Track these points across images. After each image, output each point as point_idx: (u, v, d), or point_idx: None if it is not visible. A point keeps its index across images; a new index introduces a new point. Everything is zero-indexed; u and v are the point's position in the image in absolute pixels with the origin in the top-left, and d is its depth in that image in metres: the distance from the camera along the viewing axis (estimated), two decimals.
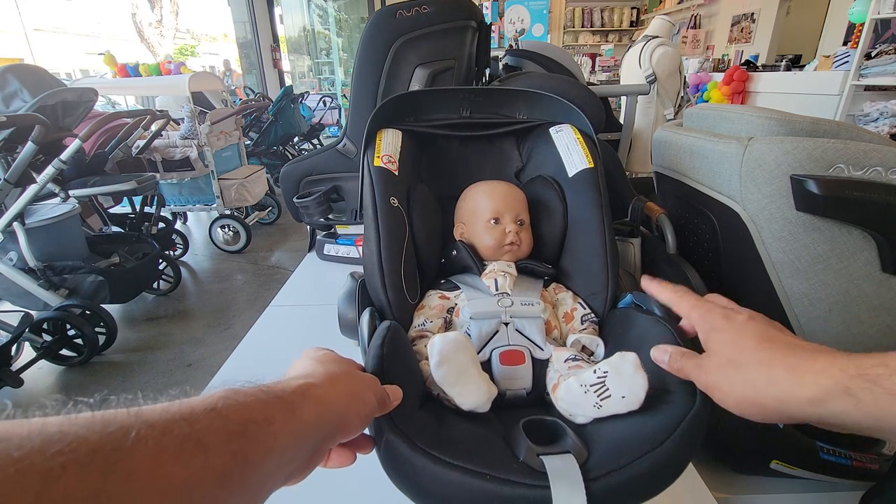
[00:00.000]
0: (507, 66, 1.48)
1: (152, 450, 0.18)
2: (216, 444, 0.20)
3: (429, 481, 0.33)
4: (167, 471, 0.18)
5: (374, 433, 0.37)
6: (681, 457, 0.35)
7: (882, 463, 0.65)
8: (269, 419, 0.23)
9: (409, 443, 0.34)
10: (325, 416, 0.27)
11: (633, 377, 0.37)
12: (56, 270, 1.92)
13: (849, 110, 3.00)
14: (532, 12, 5.70)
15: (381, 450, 0.35)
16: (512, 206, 0.60)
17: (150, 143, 2.65)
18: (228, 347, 0.80)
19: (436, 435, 0.35)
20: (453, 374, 0.38)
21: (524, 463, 0.33)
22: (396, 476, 0.35)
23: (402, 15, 0.89)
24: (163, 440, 0.18)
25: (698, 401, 0.37)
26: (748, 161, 0.56)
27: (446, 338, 0.40)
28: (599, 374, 0.38)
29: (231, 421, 0.21)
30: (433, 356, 0.39)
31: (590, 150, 0.59)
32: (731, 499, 0.68)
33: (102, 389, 1.33)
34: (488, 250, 0.59)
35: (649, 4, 6.42)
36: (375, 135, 0.60)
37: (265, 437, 0.22)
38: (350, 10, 6.57)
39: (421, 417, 0.37)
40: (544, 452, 0.34)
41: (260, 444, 0.22)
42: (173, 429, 0.19)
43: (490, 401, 0.40)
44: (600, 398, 0.37)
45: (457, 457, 0.33)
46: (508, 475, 0.32)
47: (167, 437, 0.18)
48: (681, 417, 0.36)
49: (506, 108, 0.67)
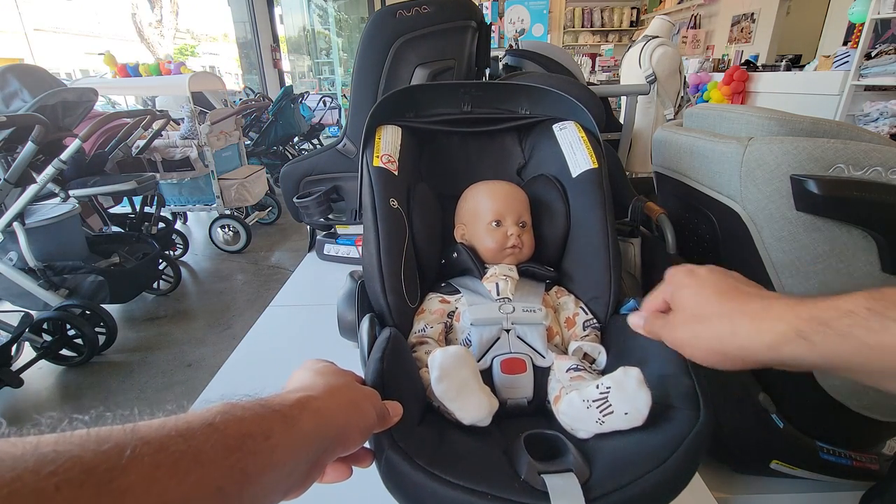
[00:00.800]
0: (507, 66, 1.48)
1: (148, 467, 0.17)
2: (213, 459, 0.20)
3: (429, 499, 0.33)
4: (163, 487, 0.17)
5: (374, 449, 0.36)
6: (683, 475, 0.35)
7: (882, 463, 0.65)
8: (267, 433, 0.23)
9: (410, 461, 0.33)
10: (325, 429, 0.27)
11: (636, 394, 0.36)
12: (56, 270, 1.92)
13: (849, 110, 3.00)
14: (532, 12, 5.70)
15: (382, 467, 0.35)
16: (514, 207, 0.59)
17: (150, 143, 2.65)
18: (228, 347, 0.80)
19: (436, 451, 0.35)
20: (454, 390, 0.38)
21: (525, 482, 0.33)
22: (397, 492, 0.35)
23: (402, 15, 0.89)
24: (158, 456, 0.18)
25: (702, 417, 0.36)
26: (748, 161, 0.56)
27: (447, 352, 0.39)
28: (602, 389, 0.37)
29: (228, 436, 0.21)
30: (434, 370, 0.38)
31: (594, 149, 0.58)
32: (731, 499, 0.68)
33: (102, 389, 1.33)
34: (489, 253, 0.58)
35: (649, 4, 6.42)
36: (374, 132, 0.59)
37: (263, 450, 0.22)
38: (350, 10, 6.56)
39: (421, 432, 0.37)
40: (545, 470, 0.34)
41: (258, 458, 0.22)
42: (169, 445, 0.19)
43: (491, 415, 0.39)
44: (603, 414, 0.36)
45: (458, 475, 0.33)
46: (510, 495, 0.32)
47: (163, 453, 0.18)
48: (684, 434, 0.35)
49: (508, 103, 0.65)
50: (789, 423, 0.62)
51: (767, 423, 0.62)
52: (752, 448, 0.65)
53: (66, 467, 0.16)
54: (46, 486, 0.15)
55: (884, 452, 0.68)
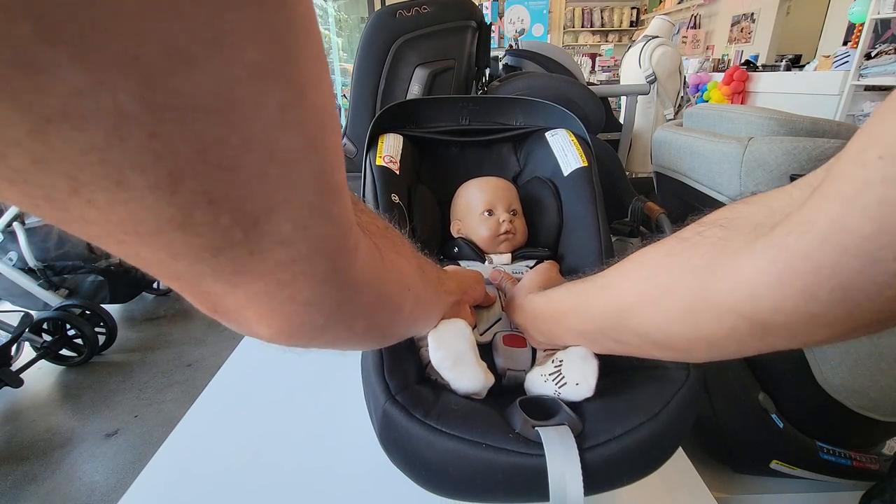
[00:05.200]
0: (507, 66, 1.48)
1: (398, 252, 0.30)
2: (433, 282, 0.36)
3: (424, 450, 0.33)
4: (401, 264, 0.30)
5: (371, 404, 0.37)
6: (675, 428, 0.35)
7: (882, 463, 0.65)
8: (433, 279, 0.37)
9: (406, 412, 0.34)
10: (460, 286, 0.44)
11: (582, 364, 0.38)
12: (56, 270, 1.92)
13: (849, 110, 3.00)
14: (532, 12, 5.71)
15: (378, 422, 0.36)
16: (503, 196, 0.62)
17: None
18: (228, 347, 0.80)
19: (432, 406, 0.36)
20: (450, 359, 0.39)
21: (520, 434, 0.34)
22: (392, 447, 0.35)
23: (402, 15, 0.89)
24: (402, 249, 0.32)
25: (691, 373, 0.38)
26: (748, 161, 0.56)
27: (446, 323, 0.41)
28: (556, 362, 0.39)
29: (417, 265, 0.34)
30: (432, 341, 0.39)
31: (584, 150, 0.61)
32: (731, 499, 0.69)
33: (102, 389, 1.33)
34: (484, 242, 0.60)
35: (649, 4, 6.43)
36: (377, 139, 0.62)
37: (431, 282, 0.36)
38: (350, 10, 6.56)
39: (419, 389, 0.37)
40: (540, 425, 0.34)
41: (428, 284, 0.35)
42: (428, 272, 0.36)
43: (486, 388, 0.40)
44: (558, 386, 0.38)
45: (452, 426, 0.33)
46: (504, 444, 0.33)
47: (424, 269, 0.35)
48: (674, 389, 0.37)
49: (503, 116, 0.69)
50: (789, 423, 0.62)
51: (767, 423, 0.62)
52: (752, 448, 0.65)
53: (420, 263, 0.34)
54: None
55: (884, 452, 0.68)
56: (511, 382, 0.46)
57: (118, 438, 1.50)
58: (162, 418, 1.57)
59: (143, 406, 1.63)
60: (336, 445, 0.55)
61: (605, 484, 0.34)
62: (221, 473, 0.52)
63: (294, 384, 0.66)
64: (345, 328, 0.24)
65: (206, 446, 0.56)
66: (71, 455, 1.44)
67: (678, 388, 0.37)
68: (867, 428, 0.63)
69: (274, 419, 0.60)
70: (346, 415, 0.59)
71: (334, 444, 0.56)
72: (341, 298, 0.21)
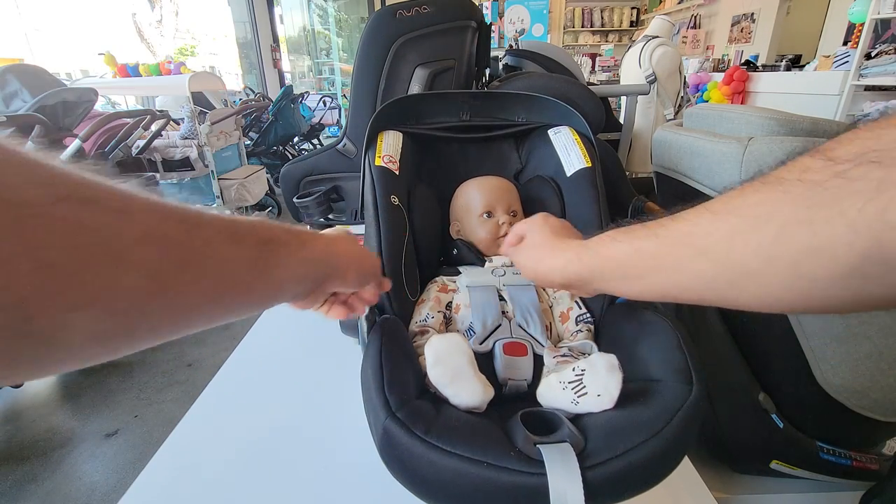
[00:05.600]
0: (507, 66, 1.48)
1: (212, 232, 0.24)
2: (250, 243, 0.27)
3: (426, 468, 0.33)
4: (219, 249, 0.24)
5: (372, 419, 0.37)
6: (678, 446, 0.35)
7: (882, 463, 0.65)
8: (287, 243, 0.30)
9: (407, 430, 0.34)
10: (329, 258, 0.34)
11: (608, 376, 0.37)
12: None
13: (849, 110, 3.00)
14: (532, 12, 5.70)
15: (379, 438, 0.35)
16: (503, 198, 0.61)
17: (150, 143, 2.65)
18: (228, 347, 0.80)
19: (433, 422, 0.35)
20: (448, 375, 0.39)
21: (521, 452, 0.34)
22: (394, 464, 0.35)
23: (402, 15, 0.89)
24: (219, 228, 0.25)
25: (695, 390, 0.37)
26: (748, 161, 0.56)
27: (443, 338, 0.40)
28: (577, 371, 0.39)
29: (260, 234, 0.28)
30: (429, 356, 0.39)
31: (588, 150, 0.60)
32: (731, 499, 0.69)
33: (102, 389, 1.33)
34: (483, 244, 0.59)
35: (649, 4, 6.42)
36: (376, 137, 0.61)
37: (282, 251, 0.29)
38: (350, 10, 6.57)
39: (419, 405, 0.37)
40: (541, 442, 0.34)
41: (277, 255, 0.29)
42: (225, 226, 0.26)
43: (486, 402, 0.40)
44: (577, 395, 0.38)
45: (454, 444, 0.33)
46: (505, 463, 0.32)
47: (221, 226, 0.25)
48: (678, 406, 0.36)
49: (505, 112, 0.68)
50: (789, 423, 0.62)
51: (767, 423, 0.62)
52: (752, 448, 0.65)
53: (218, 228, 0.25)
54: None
55: (884, 452, 0.68)
56: (512, 392, 0.46)
57: (118, 438, 1.50)
58: (162, 418, 1.56)
59: (144, 406, 1.63)
60: (336, 445, 0.55)
61: (607, 501, 0.34)
62: (221, 473, 0.52)
63: (294, 384, 0.66)
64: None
65: (206, 446, 0.56)
66: (71, 455, 1.44)
67: (681, 405, 0.36)
68: (867, 428, 0.63)
69: (274, 419, 0.60)
70: (347, 415, 0.58)
71: (334, 444, 0.56)
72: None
